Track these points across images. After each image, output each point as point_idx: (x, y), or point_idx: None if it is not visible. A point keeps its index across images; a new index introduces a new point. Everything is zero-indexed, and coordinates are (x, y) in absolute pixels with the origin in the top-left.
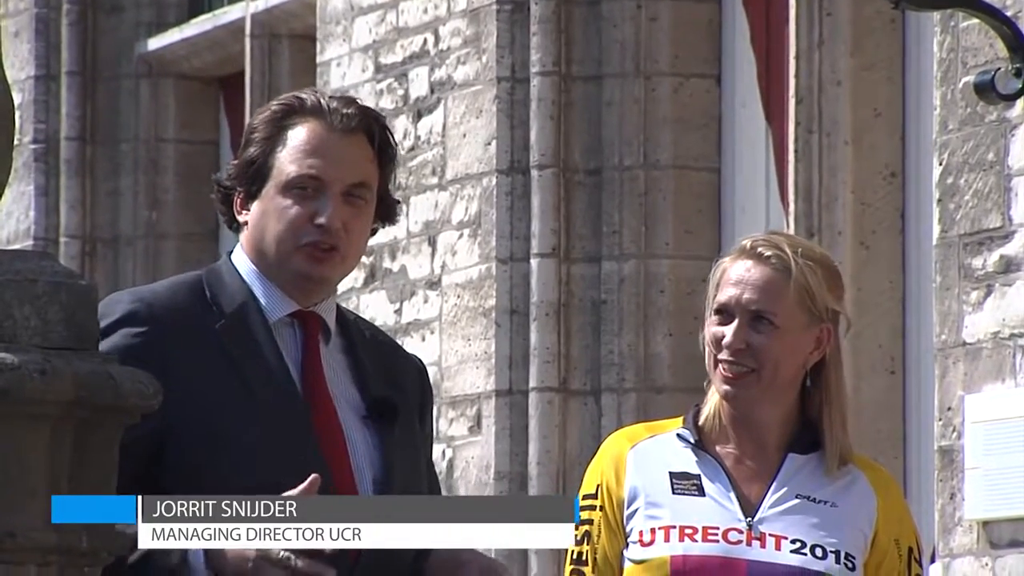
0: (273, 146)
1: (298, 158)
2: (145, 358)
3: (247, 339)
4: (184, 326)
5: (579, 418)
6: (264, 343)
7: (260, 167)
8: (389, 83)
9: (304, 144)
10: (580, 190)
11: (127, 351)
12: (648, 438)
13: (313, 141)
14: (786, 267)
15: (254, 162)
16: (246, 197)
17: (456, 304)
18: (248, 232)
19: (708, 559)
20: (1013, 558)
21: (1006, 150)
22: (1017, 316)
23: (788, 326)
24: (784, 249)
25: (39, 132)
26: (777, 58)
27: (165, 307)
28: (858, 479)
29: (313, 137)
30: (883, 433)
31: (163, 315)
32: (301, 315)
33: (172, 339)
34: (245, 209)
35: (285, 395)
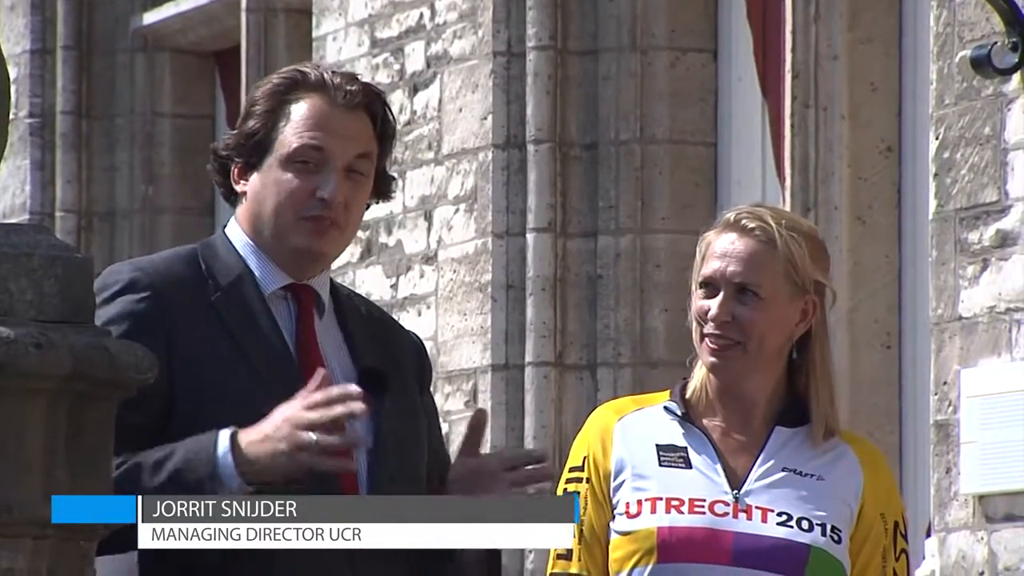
0: (275, 119)
1: (302, 132)
2: (147, 325)
3: (243, 311)
4: (182, 297)
5: (575, 393)
6: (259, 315)
7: (261, 139)
8: (385, 57)
9: (308, 118)
10: (576, 165)
11: (130, 318)
12: (635, 411)
13: (317, 116)
14: (770, 239)
15: (255, 134)
16: (245, 168)
17: (452, 279)
18: (246, 203)
19: (694, 531)
20: (1009, 532)
21: (1002, 124)
22: (1013, 290)
23: (773, 298)
24: (768, 221)
25: (35, 106)
26: (774, 32)
27: (163, 277)
28: (845, 453)
29: (317, 112)
30: (879, 407)
31: (162, 285)
32: (295, 288)
33: (171, 309)
34: (243, 180)
35: (282, 366)
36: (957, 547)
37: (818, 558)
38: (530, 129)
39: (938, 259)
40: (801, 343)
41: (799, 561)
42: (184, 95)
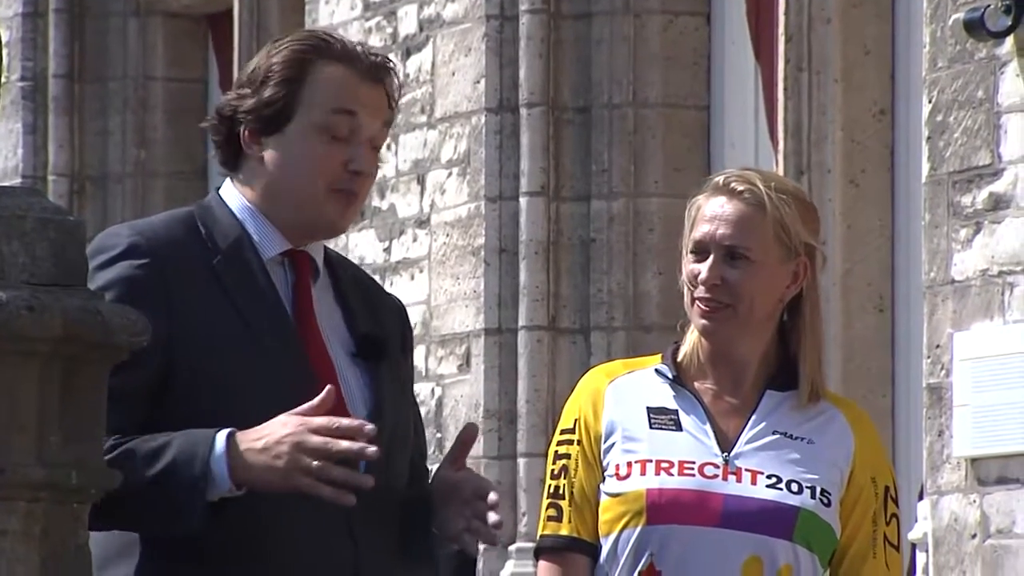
0: (298, 86)
1: (334, 102)
2: (148, 290)
3: (243, 275)
4: (182, 261)
5: (568, 357)
6: (260, 280)
7: (283, 106)
8: (378, 21)
9: (340, 88)
10: (569, 128)
11: (130, 283)
12: (626, 374)
13: (347, 86)
14: (759, 201)
15: (276, 100)
16: (257, 132)
17: (445, 243)
18: (258, 168)
19: (683, 492)
20: (1001, 495)
21: (995, 87)
22: (1006, 253)
23: (763, 260)
24: (757, 184)
25: (27, 70)
26: None
27: (163, 241)
28: (836, 417)
29: (348, 82)
30: (872, 370)
31: (162, 249)
32: (292, 254)
33: (172, 272)
34: (256, 145)
35: (282, 331)
36: (949, 510)
37: (807, 520)
38: (523, 93)
39: (931, 222)
40: (792, 306)
41: (788, 523)
42: (176, 59)
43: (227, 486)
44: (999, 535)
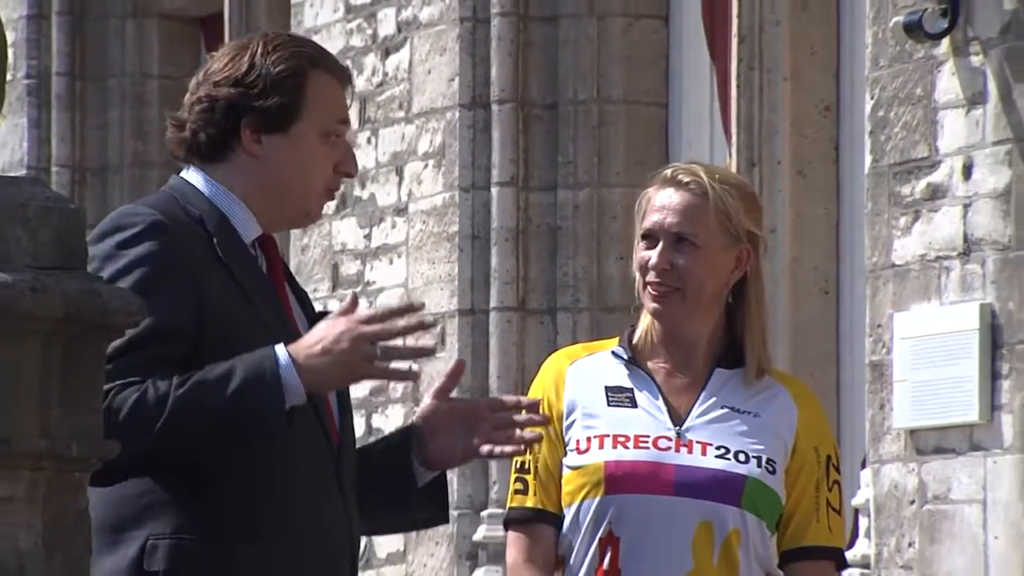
0: (302, 92)
1: (336, 110)
2: (178, 263)
3: (237, 254)
4: (191, 238)
5: (536, 336)
6: (250, 260)
7: (290, 109)
8: (359, 23)
9: (339, 99)
10: (537, 123)
11: (162, 257)
12: (586, 356)
13: (340, 95)
14: (704, 192)
15: (283, 104)
16: (261, 127)
17: (422, 230)
18: (252, 162)
19: (639, 464)
20: (937, 463)
21: (933, 85)
22: (942, 240)
23: (709, 246)
24: (701, 176)
25: (31, 68)
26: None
27: (175, 221)
28: (780, 392)
29: (341, 93)
30: (818, 349)
31: (178, 227)
32: (262, 239)
33: (189, 250)
34: (256, 140)
35: (276, 309)
36: (890, 478)
37: (754, 487)
38: (494, 90)
39: (873, 211)
40: (737, 289)
41: (736, 490)
42: (171, 57)
43: (301, 392)
44: (936, 501)
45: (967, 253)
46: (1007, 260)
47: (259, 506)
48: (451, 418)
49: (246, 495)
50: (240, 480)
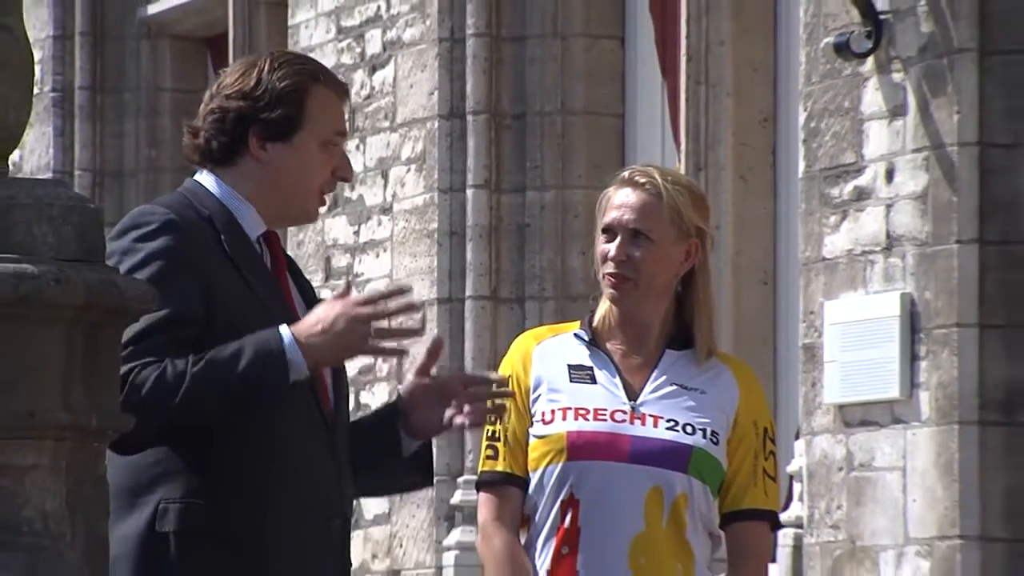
0: (303, 105)
1: (335, 121)
2: (190, 258)
3: (244, 250)
4: (203, 235)
5: (507, 322)
6: (255, 255)
7: (293, 121)
8: (348, 42)
9: (338, 112)
10: (508, 132)
11: (176, 252)
12: (551, 337)
13: (337, 109)
14: (658, 192)
15: (286, 116)
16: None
17: (405, 227)
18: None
19: (597, 434)
20: (862, 435)
21: (859, 99)
22: (867, 236)
23: (662, 241)
24: (656, 177)
25: (56, 83)
26: (671, 22)
27: (188, 219)
28: (724, 372)
29: (335, 105)
30: (757, 333)
31: (190, 225)
32: (266, 235)
33: (200, 244)
34: (262, 148)
35: (280, 301)
36: (820, 448)
37: (699, 456)
38: (469, 102)
39: (806, 210)
40: (686, 279)
41: (683, 459)
42: (181, 74)
43: (303, 367)
44: (861, 468)
45: (889, 248)
46: (925, 254)
47: (258, 474)
48: (431, 393)
49: (247, 464)
50: (242, 450)
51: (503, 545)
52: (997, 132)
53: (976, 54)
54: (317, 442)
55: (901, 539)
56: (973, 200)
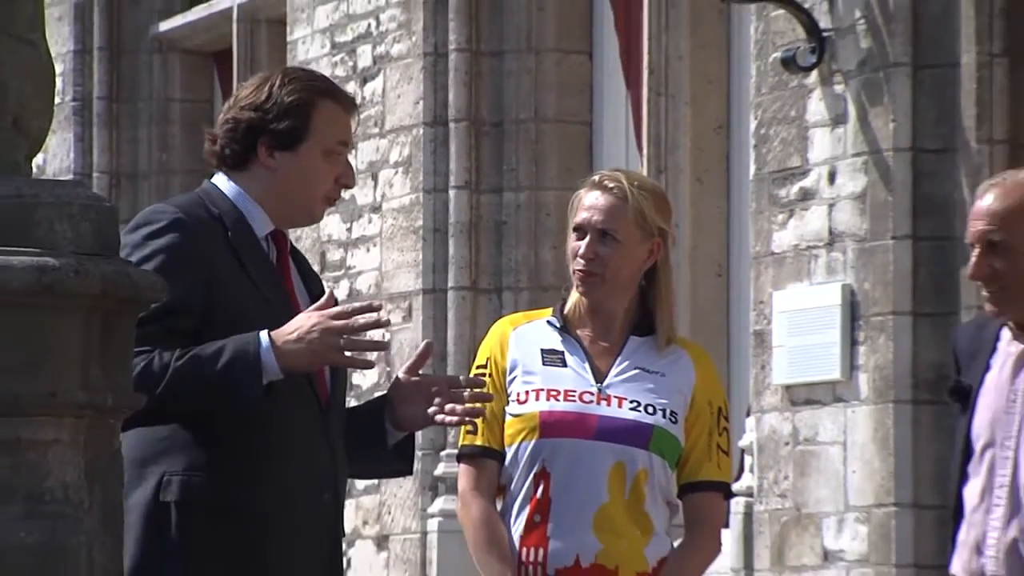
0: (309, 117)
1: (339, 133)
2: (193, 254)
3: (249, 247)
4: (209, 233)
5: (486, 310)
6: (260, 252)
7: (298, 132)
8: (342, 57)
9: (342, 124)
10: (487, 138)
11: (180, 248)
12: (526, 323)
13: (344, 120)
14: (624, 195)
15: (293, 127)
16: (275, 146)
17: (393, 224)
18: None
19: (567, 414)
20: (807, 413)
21: (804, 108)
22: (812, 233)
23: (627, 240)
24: (623, 182)
25: (76, 93)
26: (635, 39)
27: (196, 218)
28: (682, 356)
29: (340, 117)
30: (712, 321)
31: (197, 223)
32: (273, 233)
33: (205, 241)
34: (270, 156)
35: (281, 295)
36: (769, 424)
37: (659, 435)
38: (451, 111)
39: (756, 209)
40: (649, 273)
41: (645, 437)
42: (190, 85)
43: (276, 371)
44: (806, 443)
45: (831, 244)
46: (863, 249)
47: (255, 451)
48: (417, 390)
49: (245, 442)
50: (241, 429)
51: (481, 512)
52: (928, 139)
53: (910, 68)
54: (311, 424)
55: (842, 507)
56: (907, 200)
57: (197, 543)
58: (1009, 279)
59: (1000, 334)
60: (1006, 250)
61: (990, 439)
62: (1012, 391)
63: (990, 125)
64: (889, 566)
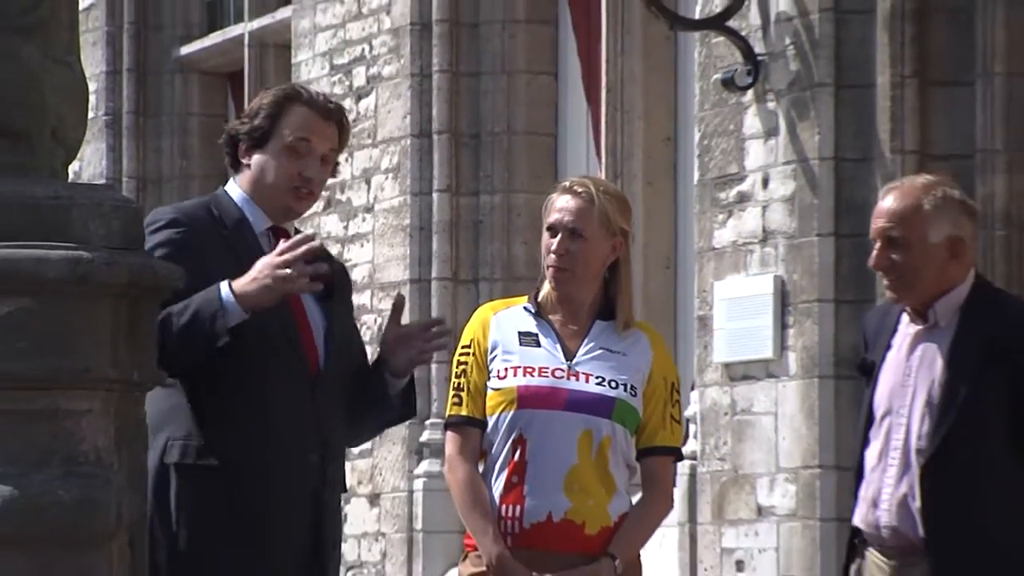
0: (277, 119)
1: (297, 131)
2: (185, 249)
3: (242, 242)
4: (205, 231)
5: (465, 298)
6: (253, 245)
7: (267, 131)
8: (339, 77)
9: (302, 122)
10: (465, 148)
11: (173, 244)
12: (504, 309)
13: (307, 121)
14: (591, 198)
15: (262, 127)
16: (249, 148)
17: (384, 223)
18: (249, 171)
19: (541, 388)
20: (743, 387)
21: (742, 123)
22: (747, 231)
23: (593, 238)
24: (590, 187)
25: (108, 108)
26: (594, 63)
27: (192, 217)
28: (641, 338)
29: (307, 118)
30: (663, 307)
31: (192, 222)
32: (274, 229)
33: (198, 238)
34: (249, 156)
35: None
36: (711, 397)
37: (621, 406)
38: (435, 125)
39: (700, 210)
40: (612, 267)
41: (608, 408)
42: (207, 102)
43: (238, 312)
44: (742, 413)
45: (765, 240)
46: (792, 245)
47: (244, 418)
48: (400, 340)
49: (235, 410)
50: (232, 399)
51: (465, 474)
52: (849, 149)
53: (832, 88)
54: (298, 392)
55: (773, 468)
56: (830, 202)
57: (195, 499)
58: (905, 270)
59: (901, 318)
60: (903, 245)
61: (888, 408)
62: (907, 367)
63: (902, 137)
64: (814, 520)
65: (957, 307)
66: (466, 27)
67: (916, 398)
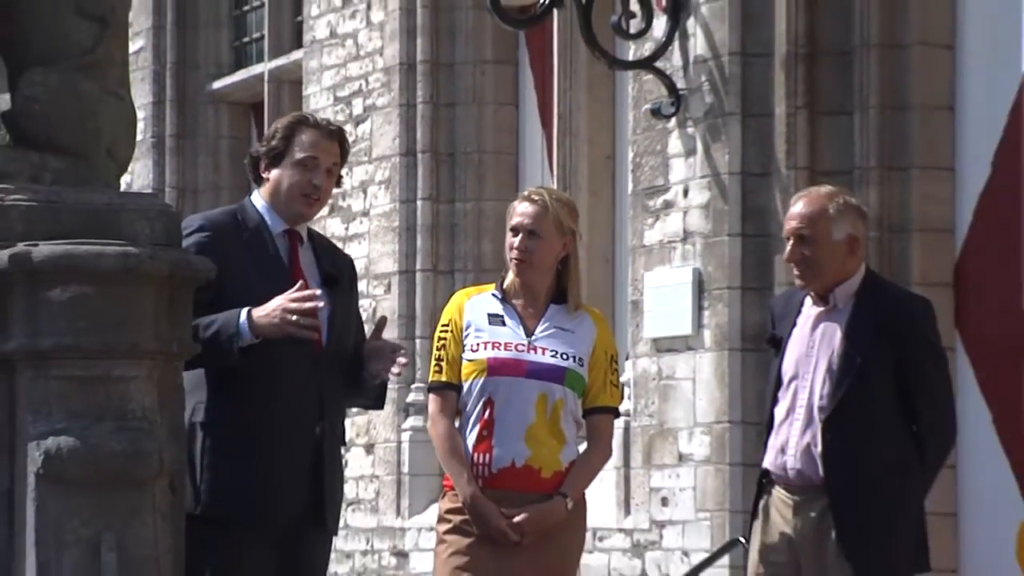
0: (290, 140)
1: (306, 149)
2: (210, 250)
3: (261, 244)
4: (228, 235)
5: (443, 286)
6: (270, 246)
7: (282, 150)
8: (341, 107)
9: (310, 141)
10: (444, 165)
11: (199, 246)
12: (476, 294)
13: (314, 141)
14: (546, 205)
15: (278, 147)
16: (268, 165)
17: (378, 224)
18: (268, 184)
19: (507, 360)
20: (668, 358)
21: (667, 144)
22: (671, 232)
23: (548, 237)
24: (545, 195)
25: (154, 132)
26: (549, 95)
27: (218, 224)
28: (587, 318)
29: (314, 139)
30: (603, 294)
31: (217, 228)
32: (289, 231)
33: (223, 241)
34: (267, 172)
35: (282, 277)
36: (642, 366)
37: (571, 375)
38: (419, 145)
39: (633, 215)
40: (563, 260)
41: (560, 376)
42: (234, 127)
43: (249, 337)
44: (667, 379)
45: (685, 239)
46: (707, 244)
47: (256, 387)
48: (375, 352)
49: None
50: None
51: (444, 429)
52: (753, 166)
53: (740, 116)
54: (303, 368)
55: (692, 423)
56: (738, 209)
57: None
58: (813, 262)
59: (804, 301)
60: (811, 242)
61: (795, 374)
62: (811, 340)
63: (795, 157)
64: (724, 464)
65: (852, 293)
66: (444, 66)
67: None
